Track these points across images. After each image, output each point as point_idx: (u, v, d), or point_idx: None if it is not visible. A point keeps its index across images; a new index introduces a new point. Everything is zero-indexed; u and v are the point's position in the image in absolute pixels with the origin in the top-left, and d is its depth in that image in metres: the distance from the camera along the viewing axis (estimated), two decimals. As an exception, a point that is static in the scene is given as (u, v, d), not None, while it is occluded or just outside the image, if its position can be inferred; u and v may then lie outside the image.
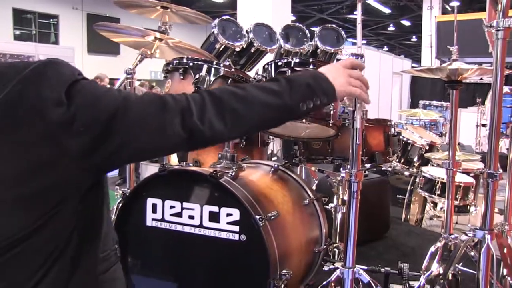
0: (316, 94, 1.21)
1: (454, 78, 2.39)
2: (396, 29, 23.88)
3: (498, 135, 1.94)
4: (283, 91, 1.16)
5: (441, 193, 3.96)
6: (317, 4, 18.33)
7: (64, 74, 0.96)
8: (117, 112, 0.97)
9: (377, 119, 2.73)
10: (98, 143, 0.96)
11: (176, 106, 1.03)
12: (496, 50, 1.87)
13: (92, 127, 0.94)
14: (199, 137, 1.05)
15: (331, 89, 1.25)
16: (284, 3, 7.16)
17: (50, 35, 17.38)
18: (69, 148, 0.93)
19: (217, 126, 1.06)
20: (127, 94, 1.02)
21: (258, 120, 1.16)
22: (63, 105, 0.92)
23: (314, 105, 1.21)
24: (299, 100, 1.18)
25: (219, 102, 1.08)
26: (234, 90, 1.13)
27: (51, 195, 0.96)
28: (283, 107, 1.17)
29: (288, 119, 1.25)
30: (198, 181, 1.78)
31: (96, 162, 0.98)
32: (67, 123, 0.92)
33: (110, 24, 2.52)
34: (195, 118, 1.03)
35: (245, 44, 2.46)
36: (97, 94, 0.99)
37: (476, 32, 2.03)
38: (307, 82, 1.21)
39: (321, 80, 1.25)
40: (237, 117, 1.11)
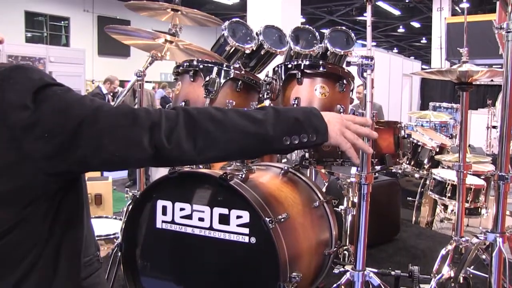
0: (305, 130, 1.12)
1: (464, 80, 2.38)
2: (405, 31, 23.79)
3: (509, 137, 1.93)
4: (266, 121, 1.09)
5: (451, 195, 3.94)
6: (327, 6, 18.31)
7: (32, 79, 0.96)
8: (85, 121, 0.96)
9: (387, 121, 2.72)
10: (63, 149, 0.95)
11: (146, 121, 1.00)
12: (506, 51, 1.86)
13: (57, 133, 0.94)
14: (164, 155, 1.02)
15: (323, 128, 1.15)
16: (293, 5, 7.17)
17: (61, 37, 17.53)
18: (33, 153, 0.93)
19: (185, 147, 1.02)
20: (99, 104, 1.00)
21: (232, 147, 1.09)
22: (28, 109, 0.92)
23: (300, 141, 1.12)
24: (283, 133, 1.10)
25: (193, 123, 1.04)
26: (212, 112, 1.08)
27: (17, 198, 0.96)
28: (262, 137, 1.09)
29: (268, 151, 1.16)
30: (208, 183, 1.78)
31: (60, 168, 0.98)
32: (30, 127, 0.92)
33: (120, 27, 2.53)
34: (162, 135, 1.00)
35: (255, 46, 2.46)
36: (67, 101, 0.97)
37: (486, 33, 2.02)
38: (295, 116, 1.13)
39: (313, 117, 1.15)
40: (209, 141, 1.05)
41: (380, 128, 2.46)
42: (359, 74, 1.68)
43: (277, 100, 2.04)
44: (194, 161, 1.11)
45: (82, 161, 0.98)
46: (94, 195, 4.42)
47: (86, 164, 1.00)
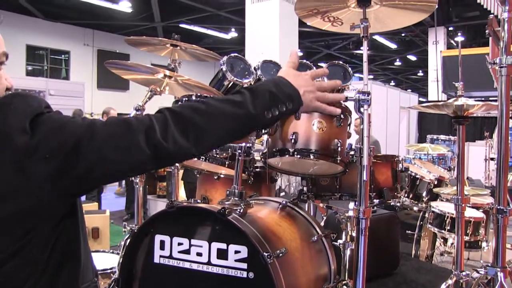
0: (281, 100, 1.20)
1: (460, 113, 2.41)
2: (402, 64, 24.08)
3: (506, 170, 1.94)
4: (245, 101, 1.16)
5: (451, 228, 3.92)
6: (324, 40, 18.56)
7: (31, 105, 1.01)
8: (82, 137, 1.00)
9: (385, 155, 2.74)
10: (66, 168, 0.98)
11: (139, 125, 1.05)
12: (500, 86, 1.89)
13: (57, 153, 0.98)
14: (163, 153, 1.07)
15: (296, 94, 1.24)
16: (291, 40, 7.27)
17: (61, 71, 17.69)
18: (36, 174, 0.96)
19: (181, 142, 1.08)
20: (92, 121, 1.06)
21: (222, 132, 1.16)
22: (27, 133, 0.96)
23: (279, 112, 1.20)
24: (263, 108, 1.17)
25: (181, 118, 1.10)
26: (195, 105, 1.15)
27: (19, 224, 0.98)
28: (246, 116, 1.16)
29: (254, 128, 1.24)
30: (206, 218, 1.78)
31: (65, 186, 1.01)
32: (31, 150, 0.96)
33: (120, 62, 2.57)
34: (158, 135, 1.05)
35: (253, 81, 2.49)
36: (62, 122, 1.03)
37: (482, 66, 2.06)
38: (269, 90, 1.20)
39: (284, 86, 1.23)
40: (200, 132, 1.11)
41: (378, 162, 2.47)
42: (356, 109, 1.70)
43: (275, 135, 2.06)
44: (192, 154, 1.15)
45: (86, 176, 1.02)
46: (91, 228, 4.39)
47: (90, 178, 1.04)
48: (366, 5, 1.95)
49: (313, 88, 1.29)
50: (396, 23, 2.25)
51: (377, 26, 2.22)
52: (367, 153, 1.65)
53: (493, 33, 2.02)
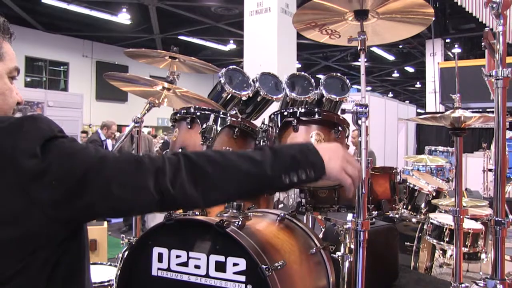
0: (301, 167, 1.15)
1: (457, 125, 2.41)
2: (400, 76, 24.19)
3: (504, 182, 1.94)
4: (264, 161, 1.12)
5: (450, 240, 3.91)
6: (322, 52, 18.68)
7: (42, 129, 1.00)
8: (92, 169, 0.99)
9: (383, 167, 2.74)
10: (70, 197, 0.97)
11: (151, 167, 1.04)
12: (496, 98, 1.89)
13: (65, 181, 0.97)
14: (170, 200, 1.05)
15: (320, 163, 1.18)
16: (290, 51, 7.30)
17: (60, 82, 17.75)
18: (41, 200, 0.95)
19: (189, 192, 1.05)
20: (104, 153, 1.04)
21: (233, 188, 1.13)
22: (36, 157, 0.95)
23: (299, 178, 1.15)
24: (281, 172, 1.13)
25: (195, 167, 1.07)
26: (213, 156, 1.12)
27: (23, 246, 0.97)
28: (261, 177, 1.13)
29: (268, 190, 1.22)
30: (205, 230, 1.77)
31: (68, 214, 1.00)
32: (39, 175, 0.95)
33: (119, 74, 2.58)
34: (167, 181, 1.03)
35: (252, 93, 2.50)
36: (73, 150, 1.01)
37: (479, 77, 2.07)
38: (292, 154, 1.16)
39: (309, 153, 1.18)
40: (211, 184, 1.09)
41: (376, 174, 2.48)
42: (353, 122, 1.71)
43: (273, 147, 2.06)
44: (198, 205, 1.14)
45: (89, 208, 1.01)
46: (88, 240, 4.36)
47: (94, 210, 1.03)
48: (364, 19, 1.97)
49: (342, 159, 1.23)
50: (393, 36, 2.27)
51: (374, 39, 2.24)
52: (365, 166, 1.65)
53: (489, 46, 2.03)
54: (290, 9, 7.20)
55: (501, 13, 1.78)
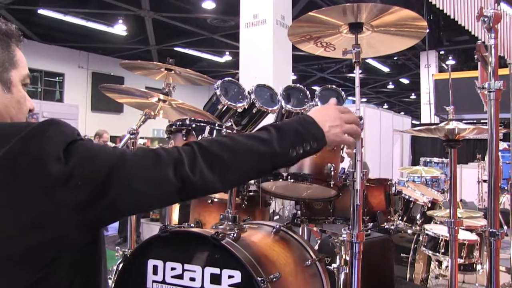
0: (306, 139, 1.23)
1: (451, 137, 2.43)
2: (395, 87, 24.30)
3: (497, 193, 1.95)
4: (271, 139, 1.18)
5: (445, 251, 3.90)
6: (318, 63, 18.75)
7: (65, 133, 1.02)
8: (114, 167, 1.01)
9: (378, 179, 2.75)
10: (96, 197, 0.99)
11: (168, 157, 1.07)
12: (489, 110, 1.91)
13: (89, 181, 0.98)
14: (191, 187, 1.08)
15: (321, 134, 1.26)
16: (285, 63, 7.33)
17: (55, 93, 17.72)
18: (67, 203, 0.96)
19: (208, 177, 1.09)
20: (122, 150, 1.07)
21: (248, 168, 1.19)
22: (61, 161, 0.96)
23: (304, 150, 1.23)
24: (289, 147, 1.20)
25: (208, 153, 1.11)
26: (223, 140, 1.17)
27: (47, 251, 0.97)
28: (272, 154, 1.18)
29: (279, 166, 1.26)
30: (200, 242, 1.77)
31: (94, 215, 1.01)
32: (64, 178, 0.96)
33: (115, 86, 2.59)
34: (186, 168, 1.07)
35: (247, 105, 2.51)
36: (94, 151, 1.04)
37: (473, 89, 2.09)
38: (295, 128, 1.23)
39: (310, 125, 1.26)
40: (227, 167, 1.13)
41: (371, 186, 2.48)
42: (348, 134, 1.72)
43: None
44: (218, 188, 1.16)
45: (113, 206, 1.03)
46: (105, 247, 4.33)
47: (118, 208, 1.05)
48: (358, 31, 1.98)
49: (340, 122, 1.32)
50: (387, 49, 2.29)
51: (369, 51, 2.26)
52: (360, 177, 1.66)
53: (482, 58, 2.05)
54: (285, 21, 7.25)
55: (492, 27, 1.81)
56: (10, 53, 1.17)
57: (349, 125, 1.34)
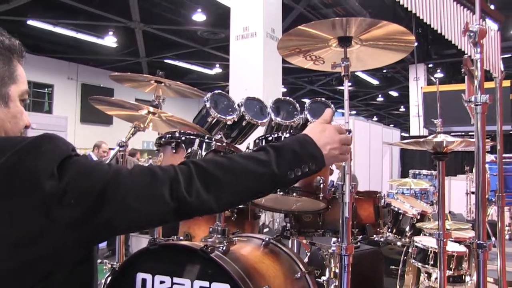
0: (304, 161, 1.22)
1: (439, 150, 2.45)
2: (384, 100, 24.49)
3: (484, 205, 1.97)
4: (269, 160, 1.17)
5: (434, 263, 3.91)
6: (308, 76, 18.87)
7: (60, 148, 1.01)
8: (108, 184, 1.00)
9: (367, 191, 2.77)
10: (90, 214, 0.97)
11: (164, 176, 1.06)
12: (476, 123, 1.94)
13: (83, 199, 0.97)
14: (187, 207, 1.07)
15: (319, 155, 1.26)
16: (275, 76, 7.36)
17: (44, 104, 17.62)
18: (60, 219, 0.95)
19: (204, 197, 1.08)
20: (117, 167, 1.06)
21: (245, 190, 1.17)
22: (54, 178, 0.95)
23: (302, 172, 1.22)
24: (287, 168, 1.19)
25: (205, 173, 1.10)
26: (220, 160, 1.16)
27: (40, 267, 0.96)
28: (270, 176, 1.17)
29: (277, 187, 1.26)
30: (189, 255, 1.76)
31: (88, 232, 1.00)
32: (58, 195, 0.95)
33: (104, 98, 2.58)
34: (182, 188, 1.05)
35: (237, 118, 2.52)
36: (89, 167, 1.02)
37: (461, 102, 2.11)
38: (294, 149, 1.22)
39: (308, 145, 1.25)
40: (224, 188, 1.12)
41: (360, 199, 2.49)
42: (337, 147, 1.73)
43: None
44: (214, 209, 1.15)
45: (108, 224, 1.01)
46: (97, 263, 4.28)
47: (113, 227, 1.03)
48: (347, 45, 2.00)
49: (338, 144, 1.32)
50: (376, 62, 2.32)
51: (358, 65, 2.28)
52: (349, 190, 1.67)
53: (468, 72, 2.08)
54: (275, 34, 7.29)
55: (478, 42, 1.84)
56: (11, 68, 1.17)
57: (345, 146, 1.35)
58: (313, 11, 11.84)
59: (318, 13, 11.92)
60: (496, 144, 2.82)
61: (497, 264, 2.56)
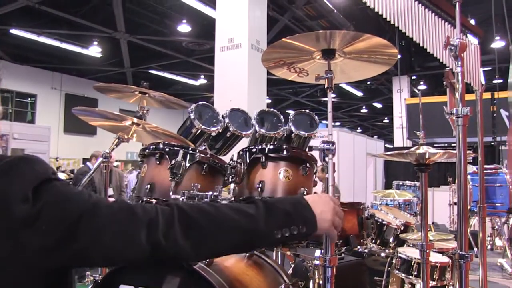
0: (295, 222, 1.16)
1: (422, 161, 2.48)
2: (368, 111, 24.71)
3: (466, 217, 2.00)
4: (257, 216, 1.12)
5: (418, 273, 3.93)
6: (292, 87, 18.98)
7: (37, 171, 0.97)
8: (83, 216, 0.96)
9: (351, 203, 2.78)
10: (61, 244, 0.94)
11: (144, 217, 1.02)
12: (458, 135, 1.97)
13: (56, 227, 0.94)
14: (161, 252, 1.03)
15: (312, 219, 1.20)
16: (260, 87, 7.39)
17: (26, 114, 17.44)
18: (31, 246, 0.92)
19: (181, 244, 1.04)
20: (97, 199, 1.02)
21: (226, 242, 1.12)
22: (28, 202, 0.92)
23: (291, 234, 1.15)
24: (274, 228, 1.13)
25: (188, 220, 1.06)
26: (206, 208, 1.12)
27: None
28: (255, 232, 1.13)
29: (260, 245, 1.23)
30: (172, 267, 1.75)
31: (59, 261, 0.97)
32: (30, 220, 0.92)
33: (88, 109, 2.56)
34: (159, 233, 1.02)
35: (221, 129, 2.51)
36: (66, 196, 0.99)
37: (443, 114, 2.15)
38: (285, 210, 1.17)
39: (302, 208, 1.20)
40: (203, 237, 1.08)
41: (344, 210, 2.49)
42: (321, 159, 1.74)
43: (242, 183, 2.07)
44: (190, 258, 1.13)
45: (80, 256, 0.98)
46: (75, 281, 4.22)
47: (85, 258, 0.99)
48: (331, 58, 2.02)
49: (332, 212, 1.26)
50: (360, 75, 2.34)
51: (341, 77, 2.31)
52: (333, 201, 1.67)
53: (450, 85, 2.12)
54: (260, 46, 7.34)
55: (458, 55, 1.87)
56: None
57: (337, 218, 1.28)
58: (298, 23, 11.96)
59: (303, 25, 12.03)
60: (477, 155, 2.86)
61: (479, 274, 2.58)
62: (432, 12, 2.48)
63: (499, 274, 5.42)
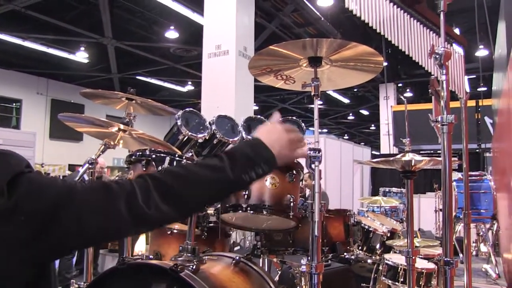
0: (257, 164, 1.26)
1: (408, 168, 2.50)
2: (355, 118, 24.82)
3: (451, 223, 2.01)
4: (224, 167, 1.20)
5: (404, 280, 3.94)
6: (279, 94, 19.00)
7: (11, 165, 0.98)
8: (61, 202, 0.98)
9: (337, 210, 2.79)
10: (41, 232, 0.95)
11: (120, 191, 1.05)
12: (443, 142, 1.99)
13: (34, 217, 0.94)
14: (145, 220, 1.07)
15: (272, 157, 1.30)
16: (247, 94, 7.40)
17: (11, 119, 17.23)
18: (9, 238, 0.92)
19: (163, 208, 1.09)
20: (71, 184, 1.04)
21: (202, 197, 1.21)
22: (3, 195, 0.92)
23: (256, 174, 1.25)
24: (241, 172, 1.22)
25: (162, 185, 1.12)
26: (175, 170, 1.19)
27: None
28: (225, 181, 1.21)
29: (233, 191, 1.32)
30: (158, 275, 1.74)
31: (39, 251, 0.97)
32: (7, 212, 0.92)
33: (74, 115, 2.55)
34: (140, 202, 1.05)
35: (208, 136, 2.52)
36: (41, 185, 0.99)
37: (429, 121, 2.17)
38: (246, 154, 1.26)
39: (261, 149, 1.29)
40: (180, 197, 1.14)
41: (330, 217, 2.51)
42: (307, 166, 1.75)
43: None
44: (175, 218, 1.18)
45: (62, 242, 0.99)
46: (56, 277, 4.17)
47: (67, 244, 1.01)
48: (317, 65, 2.04)
49: (287, 143, 1.36)
50: (346, 82, 2.36)
51: (328, 85, 2.32)
52: (319, 209, 1.68)
53: (435, 92, 2.14)
54: (248, 52, 7.35)
55: (443, 63, 1.90)
56: None
57: (294, 144, 1.40)
58: (285, 30, 12.00)
59: (291, 32, 12.08)
60: (462, 162, 2.89)
61: (464, 280, 2.60)
62: (418, 21, 2.51)
63: (483, 280, 5.46)
